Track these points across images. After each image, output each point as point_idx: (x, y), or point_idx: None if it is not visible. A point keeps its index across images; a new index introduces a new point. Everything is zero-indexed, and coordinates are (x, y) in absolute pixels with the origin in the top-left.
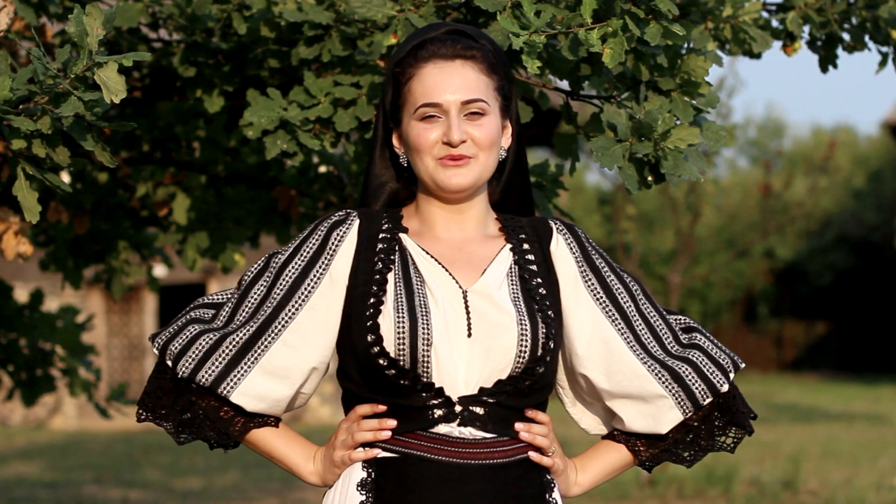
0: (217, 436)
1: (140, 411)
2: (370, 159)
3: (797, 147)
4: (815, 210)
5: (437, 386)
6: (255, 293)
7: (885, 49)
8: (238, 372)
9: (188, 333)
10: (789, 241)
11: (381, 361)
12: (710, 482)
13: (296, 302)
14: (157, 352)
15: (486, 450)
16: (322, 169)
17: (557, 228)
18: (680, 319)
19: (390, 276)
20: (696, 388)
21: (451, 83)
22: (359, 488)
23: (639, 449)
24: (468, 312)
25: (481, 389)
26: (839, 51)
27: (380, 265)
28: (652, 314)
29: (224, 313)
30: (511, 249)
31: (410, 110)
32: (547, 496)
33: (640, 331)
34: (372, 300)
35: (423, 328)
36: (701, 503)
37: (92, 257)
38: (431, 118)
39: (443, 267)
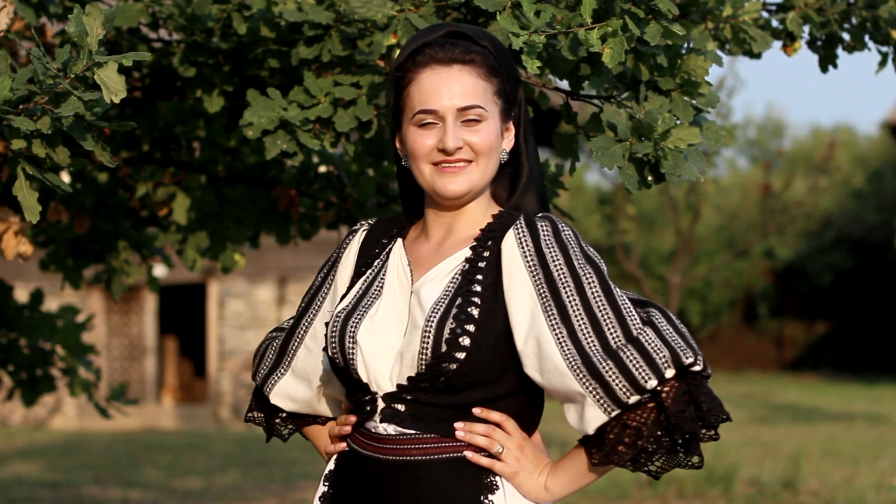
0: (273, 433)
1: (248, 413)
2: (398, 166)
3: (797, 147)
4: (815, 210)
5: (363, 382)
6: (301, 301)
7: (885, 49)
8: (276, 374)
9: (265, 339)
10: (789, 241)
11: (329, 360)
12: (710, 482)
13: (313, 309)
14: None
15: (405, 446)
16: (322, 169)
17: (516, 224)
18: (649, 311)
19: (359, 282)
20: (617, 385)
21: (448, 89)
22: (323, 480)
23: (591, 451)
24: (410, 311)
25: (399, 386)
26: (839, 51)
27: (363, 269)
28: (601, 306)
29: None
30: (472, 247)
31: (409, 116)
32: (482, 498)
33: (578, 325)
34: (337, 304)
35: (352, 328)
36: (701, 503)
37: (92, 257)
38: (429, 125)
39: (409, 267)
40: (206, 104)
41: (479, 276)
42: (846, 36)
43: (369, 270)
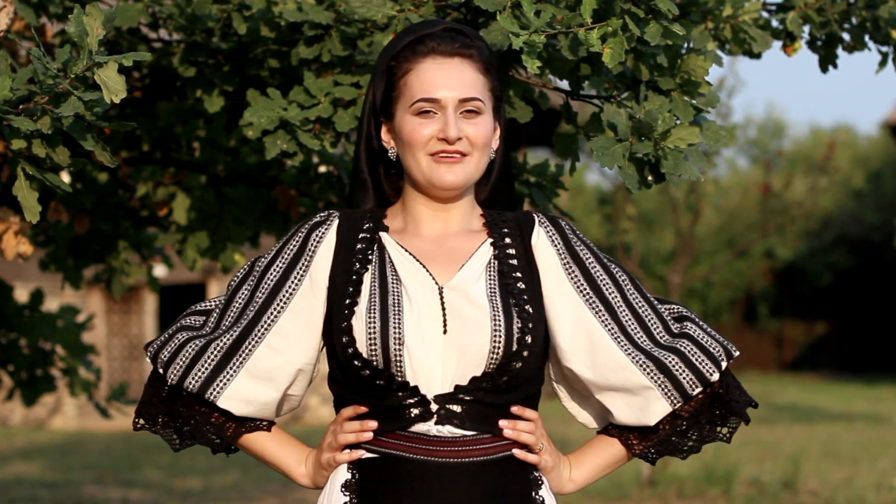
0: (211, 442)
1: (137, 420)
2: (356, 156)
3: (797, 147)
4: (815, 210)
5: (412, 385)
6: (239, 298)
7: (885, 49)
8: (224, 377)
9: (177, 341)
10: (789, 241)
11: (356, 363)
12: (710, 482)
13: (277, 305)
14: (150, 360)
15: (466, 448)
16: (322, 169)
17: (539, 221)
18: (673, 309)
19: (366, 277)
20: (684, 379)
21: (450, 80)
22: (343, 489)
23: (632, 443)
24: (444, 309)
25: (457, 387)
26: (839, 51)
27: (357, 265)
28: (640, 304)
29: (212, 319)
30: (492, 244)
31: (406, 104)
32: (533, 493)
33: (627, 321)
34: (347, 301)
35: (395, 328)
36: (701, 503)
37: (92, 257)
38: (427, 114)
39: (420, 263)
40: (206, 104)
41: (518, 274)
42: (846, 36)
43: (370, 266)
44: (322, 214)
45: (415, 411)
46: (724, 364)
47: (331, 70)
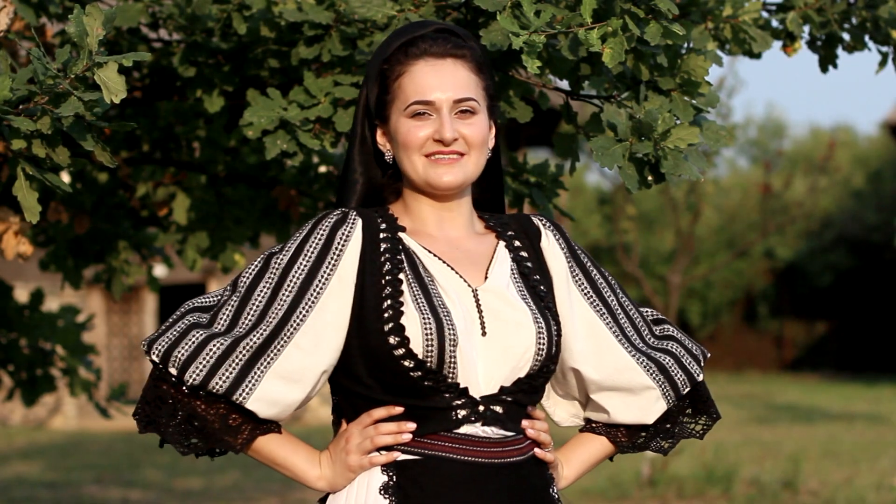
0: (225, 444)
1: (141, 423)
2: (348, 156)
3: (797, 147)
4: (815, 210)
5: (461, 386)
6: (259, 295)
7: (885, 49)
8: (252, 378)
9: (193, 340)
10: (789, 241)
11: (406, 363)
12: (710, 482)
13: (306, 304)
14: (156, 359)
15: (507, 448)
16: (322, 169)
17: (544, 225)
18: (648, 312)
19: (402, 277)
20: (678, 379)
21: (443, 81)
22: (382, 492)
23: (620, 440)
24: (480, 311)
25: (502, 388)
26: (839, 51)
27: (388, 266)
28: (630, 307)
29: (224, 317)
30: (506, 246)
31: (400, 107)
32: (550, 490)
33: (624, 324)
34: (389, 302)
35: (449, 328)
36: (701, 503)
37: (92, 257)
38: (422, 115)
39: (448, 266)
40: (206, 104)
41: (538, 277)
42: (846, 36)
43: (402, 267)
44: (337, 213)
45: (462, 412)
46: (702, 364)
47: (331, 70)
